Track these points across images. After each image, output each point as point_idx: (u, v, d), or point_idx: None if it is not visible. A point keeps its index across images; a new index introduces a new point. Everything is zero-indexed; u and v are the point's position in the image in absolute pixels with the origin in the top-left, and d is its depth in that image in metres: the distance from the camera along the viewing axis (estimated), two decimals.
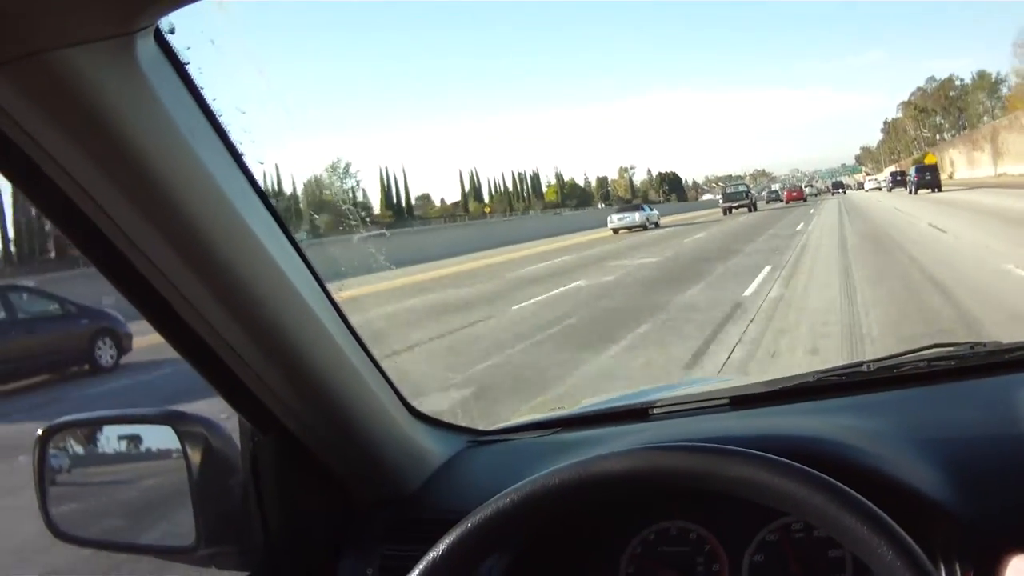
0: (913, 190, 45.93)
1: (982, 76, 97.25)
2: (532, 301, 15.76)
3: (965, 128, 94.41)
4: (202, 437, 1.31)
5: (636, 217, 44.60)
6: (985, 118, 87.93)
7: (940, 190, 43.65)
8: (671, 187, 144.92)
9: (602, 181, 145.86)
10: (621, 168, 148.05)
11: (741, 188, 62.35)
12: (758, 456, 0.97)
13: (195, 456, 1.30)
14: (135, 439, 1.50)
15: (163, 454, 1.39)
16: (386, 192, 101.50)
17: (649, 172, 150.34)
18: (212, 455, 1.31)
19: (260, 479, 1.34)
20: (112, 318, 13.35)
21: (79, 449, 1.51)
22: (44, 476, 1.44)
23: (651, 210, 47.91)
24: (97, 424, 1.53)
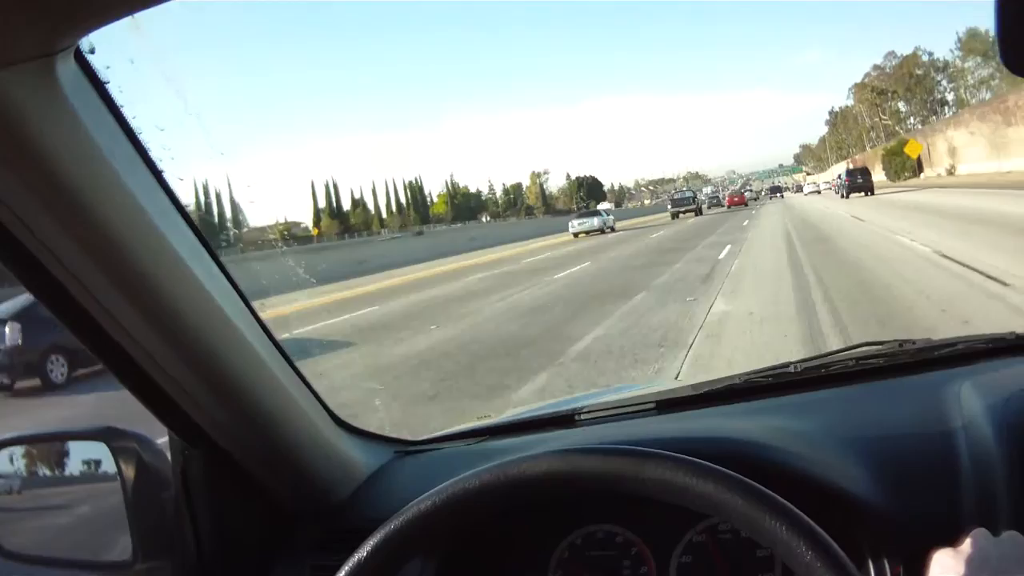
0: (845, 194, 44.55)
1: (973, 36, 75.44)
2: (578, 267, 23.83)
3: (937, 112, 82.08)
4: (135, 452, 1.32)
5: (595, 222, 48.92)
6: (984, 91, 74.72)
7: (872, 193, 42.65)
8: (590, 192, 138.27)
9: (514, 188, 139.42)
10: (533, 174, 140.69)
11: (688, 194, 68.16)
12: (673, 457, 0.97)
13: (128, 471, 1.31)
14: (69, 456, 1.50)
15: (98, 470, 1.39)
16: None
17: (568, 176, 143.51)
18: (145, 470, 1.32)
19: (191, 493, 1.35)
20: None
21: (13, 467, 1.50)
22: None
23: (607, 216, 52.05)
24: (30, 441, 1.52)
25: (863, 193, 42.62)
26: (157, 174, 1.08)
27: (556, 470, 1.04)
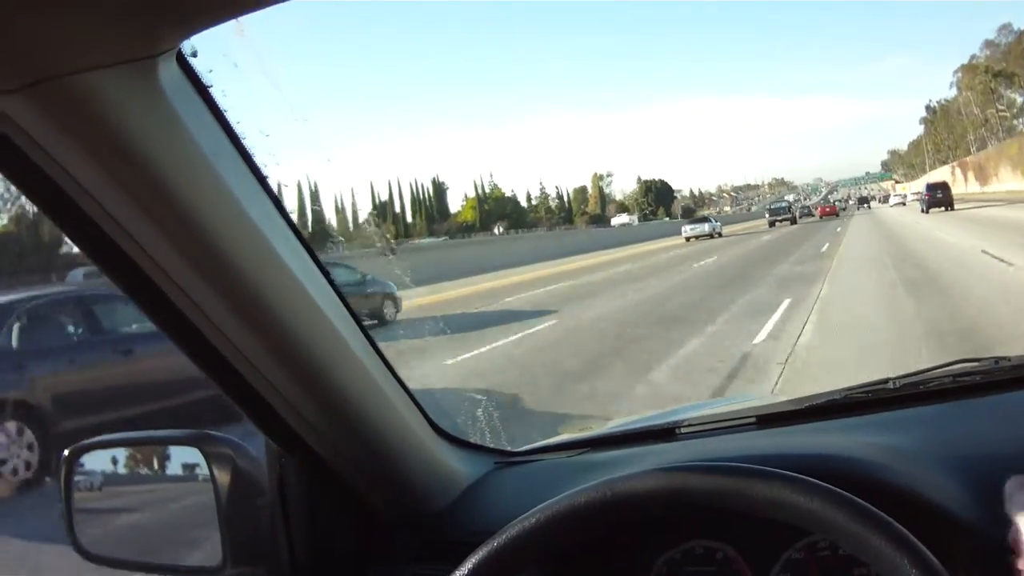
0: (925, 208, 43.50)
1: None
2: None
3: None
4: (229, 458, 1.33)
5: (705, 227, 53.73)
6: None
7: (952, 208, 41.75)
8: (659, 197, 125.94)
9: (578, 192, 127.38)
10: (595, 176, 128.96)
11: (784, 204, 74.77)
12: (780, 475, 0.98)
13: (222, 477, 1.32)
14: (162, 459, 1.52)
15: (190, 474, 1.40)
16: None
17: (639, 179, 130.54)
18: (239, 476, 1.33)
19: (286, 500, 1.35)
20: (391, 286, 17.49)
21: (107, 469, 1.52)
22: (71, 496, 1.46)
23: (715, 222, 57.29)
24: (125, 444, 1.54)
25: (943, 208, 42.37)
26: (262, 179, 1.09)
27: (663, 487, 1.04)
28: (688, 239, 51.03)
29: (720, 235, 52.36)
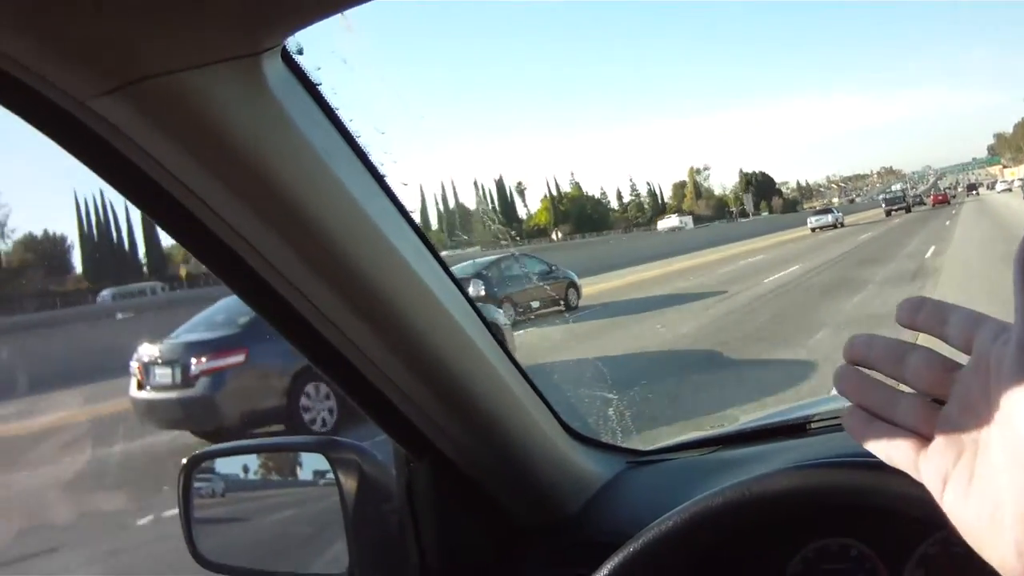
0: None
1: None
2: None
3: None
4: (355, 463, 1.31)
5: (829, 218, 59.60)
6: None
7: None
8: (760, 190, 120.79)
9: (677, 187, 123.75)
10: (692, 169, 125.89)
11: (899, 194, 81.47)
12: None
13: (348, 483, 1.31)
14: (286, 466, 1.53)
15: (314, 481, 1.41)
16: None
17: (741, 172, 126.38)
18: (366, 482, 1.31)
19: (415, 506, 1.34)
20: (572, 275, 20.12)
21: (227, 477, 1.54)
22: (190, 504, 1.47)
23: (838, 213, 63.78)
24: (246, 452, 1.56)
25: None
26: (379, 178, 1.07)
27: (802, 485, 1.03)
28: (813, 230, 55.53)
29: (842, 225, 57.14)
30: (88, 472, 9.79)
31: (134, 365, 10.00)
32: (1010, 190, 70.87)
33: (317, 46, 0.94)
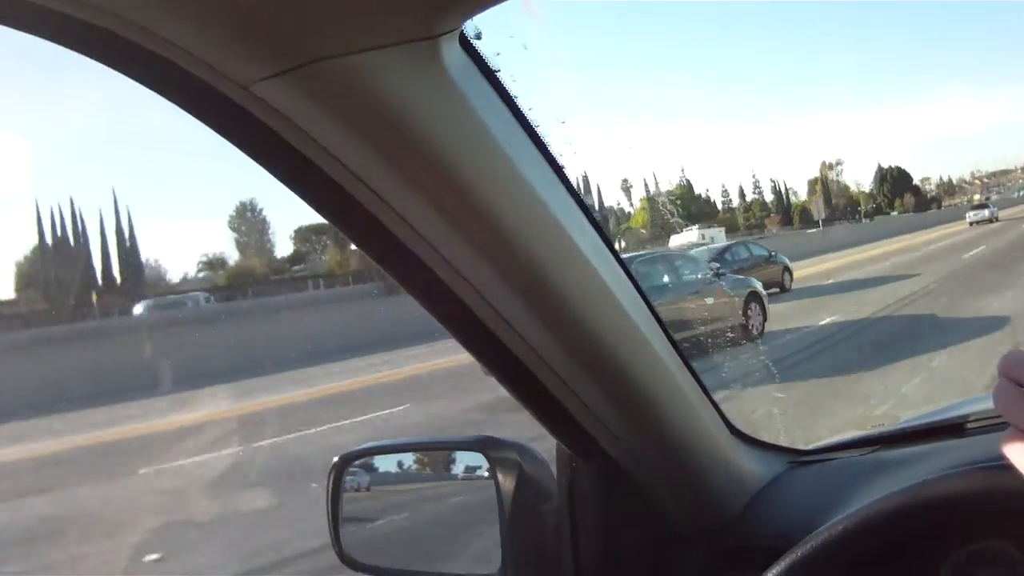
0: None
1: None
2: None
3: None
4: (516, 463, 1.31)
5: (985, 213, 60.99)
6: None
7: None
8: (895, 187, 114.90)
9: (812, 184, 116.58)
10: (824, 164, 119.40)
11: None
12: None
13: (507, 483, 1.30)
14: (447, 465, 1.53)
15: (472, 480, 1.41)
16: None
17: (880, 168, 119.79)
18: (525, 481, 1.31)
19: (575, 508, 1.34)
20: (785, 259, 22.23)
21: (379, 476, 1.55)
22: (338, 503, 1.48)
23: (993, 208, 64.66)
24: (401, 450, 1.57)
25: None
26: (558, 169, 1.04)
27: (974, 488, 1.03)
28: (971, 224, 57.77)
29: (997, 219, 58.96)
30: None
31: None
32: None
33: (496, 30, 0.93)
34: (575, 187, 1.07)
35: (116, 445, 12.86)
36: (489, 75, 0.94)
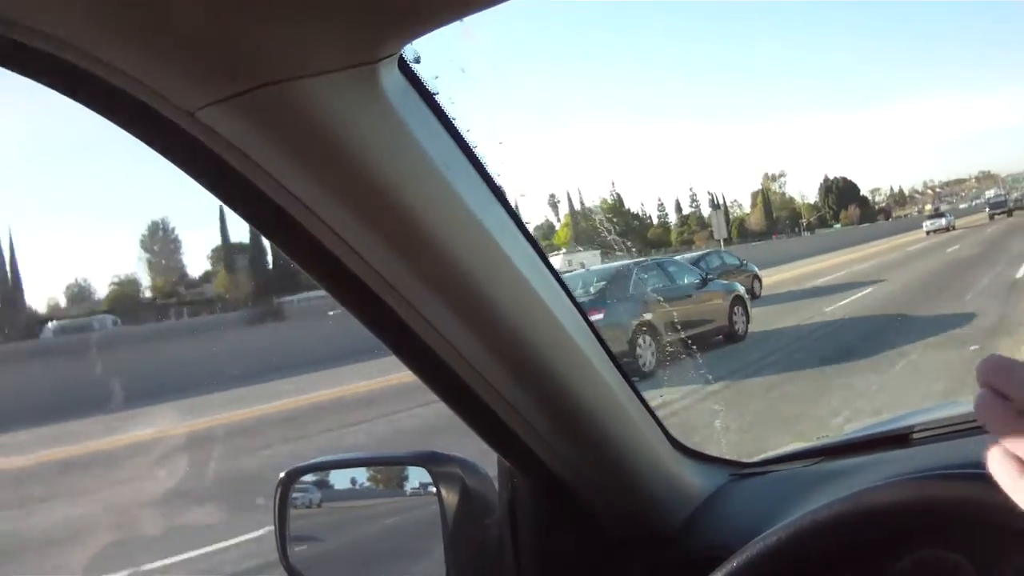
0: None
1: None
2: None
3: None
4: (458, 478, 1.33)
5: (942, 222, 61.07)
6: None
7: None
8: (840, 198, 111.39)
9: (755, 196, 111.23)
10: (767, 176, 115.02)
11: (1002, 199, 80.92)
12: None
13: (450, 497, 1.32)
14: (383, 480, 1.54)
15: (415, 495, 1.41)
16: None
17: (834, 178, 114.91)
18: (468, 496, 1.32)
19: (517, 520, 1.35)
20: (754, 268, 22.88)
21: (325, 491, 1.55)
22: (285, 518, 1.48)
23: (950, 216, 65.95)
24: (345, 466, 1.57)
25: None
26: (495, 189, 1.07)
27: (910, 498, 1.05)
28: (928, 233, 57.88)
29: (954, 228, 59.73)
30: None
31: None
32: None
33: (435, 54, 0.94)
34: (512, 206, 1.09)
35: None
36: (428, 98, 0.96)
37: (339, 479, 1.56)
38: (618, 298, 13.65)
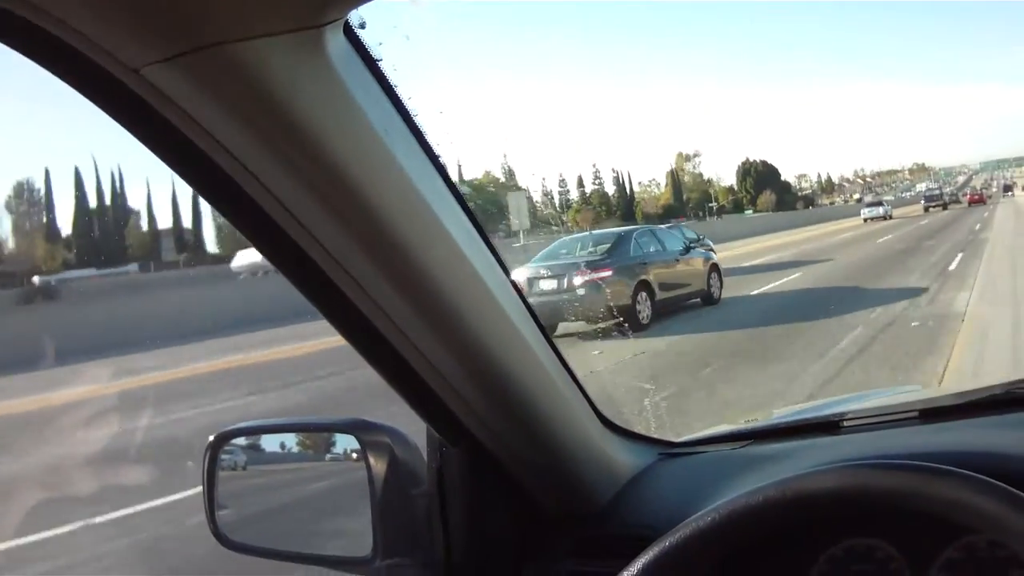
0: None
1: None
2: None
3: None
4: (387, 447, 1.33)
5: (880, 210, 62.52)
6: None
7: None
8: (759, 183, 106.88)
9: (669, 176, 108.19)
10: (680, 156, 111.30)
11: (937, 192, 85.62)
12: (967, 475, 0.99)
13: (379, 466, 1.32)
14: (313, 446, 1.54)
15: (344, 463, 1.42)
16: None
17: (752, 161, 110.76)
18: (396, 466, 1.33)
19: (445, 491, 1.36)
20: (709, 243, 22.45)
21: (254, 456, 1.54)
22: (214, 483, 1.48)
23: (888, 206, 67.05)
24: (275, 431, 1.56)
25: None
26: (434, 158, 1.07)
27: (843, 486, 1.05)
28: (865, 220, 59.65)
29: (891, 217, 61.20)
30: None
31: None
32: None
33: (380, 20, 0.94)
34: (449, 175, 1.09)
35: None
36: (371, 65, 0.97)
37: (269, 443, 1.55)
38: (621, 258, 15.22)
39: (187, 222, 74.14)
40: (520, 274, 14.06)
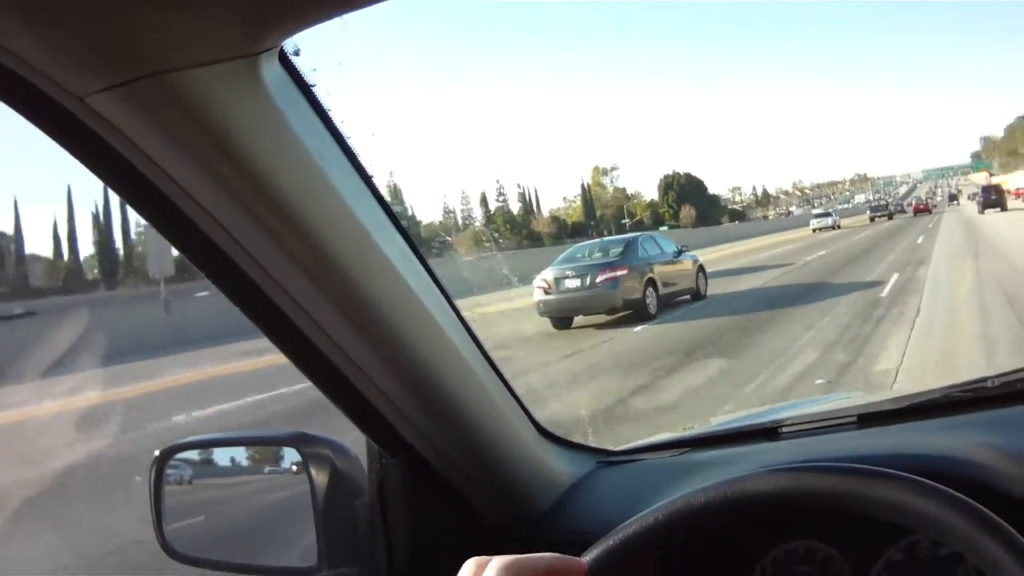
0: (980, 210, 50.81)
1: None
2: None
3: None
4: (328, 459, 1.35)
5: (828, 221, 65.05)
6: None
7: (1005, 209, 49.28)
8: (682, 197, 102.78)
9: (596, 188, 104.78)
10: (597, 169, 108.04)
11: (883, 203, 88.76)
12: (905, 478, 0.99)
13: (320, 478, 1.34)
14: (257, 460, 1.56)
15: (287, 475, 1.44)
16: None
17: (675, 173, 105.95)
18: (338, 477, 1.35)
19: (386, 501, 1.38)
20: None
21: (199, 470, 1.56)
22: (160, 496, 1.49)
23: (835, 216, 69.66)
24: (219, 445, 1.58)
25: (997, 208, 50.28)
26: (367, 179, 1.11)
27: (782, 488, 1.06)
28: (815, 230, 61.56)
29: (839, 227, 63.41)
30: None
31: (540, 281, 17.21)
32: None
33: (314, 47, 0.97)
34: (382, 196, 1.13)
35: None
36: (306, 90, 1.00)
37: (214, 457, 1.57)
38: (632, 259, 17.57)
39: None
40: (547, 275, 17.28)
